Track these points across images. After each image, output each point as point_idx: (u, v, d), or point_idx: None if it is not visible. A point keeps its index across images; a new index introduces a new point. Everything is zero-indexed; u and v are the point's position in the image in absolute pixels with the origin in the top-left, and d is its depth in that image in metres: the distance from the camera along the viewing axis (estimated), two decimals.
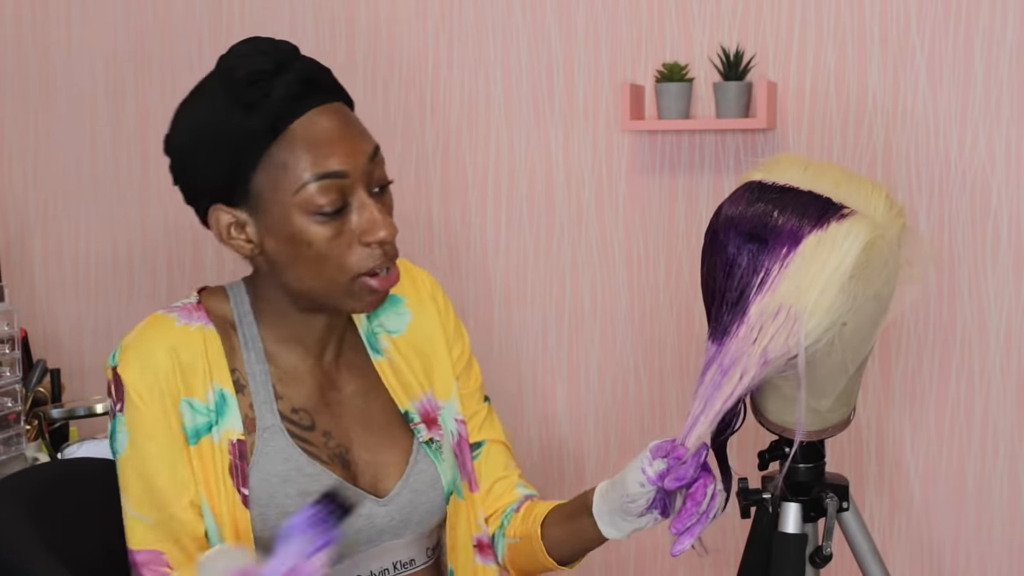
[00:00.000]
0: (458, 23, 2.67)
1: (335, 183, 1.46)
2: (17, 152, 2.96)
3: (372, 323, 1.66)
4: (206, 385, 1.52)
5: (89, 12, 2.88)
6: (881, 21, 2.45)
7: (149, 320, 1.55)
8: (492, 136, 2.68)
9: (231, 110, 1.46)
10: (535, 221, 2.67)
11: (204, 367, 1.53)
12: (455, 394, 1.69)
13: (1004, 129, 2.41)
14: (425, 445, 1.62)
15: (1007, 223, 2.43)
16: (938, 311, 2.48)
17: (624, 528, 1.57)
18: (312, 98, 1.48)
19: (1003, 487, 2.48)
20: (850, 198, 1.46)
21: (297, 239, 1.47)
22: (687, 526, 1.51)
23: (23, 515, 1.49)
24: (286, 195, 1.46)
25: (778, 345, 1.44)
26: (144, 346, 1.52)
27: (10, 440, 2.28)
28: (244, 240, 1.51)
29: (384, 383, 1.63)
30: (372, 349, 1.65)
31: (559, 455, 2.70)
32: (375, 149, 1.52)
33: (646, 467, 1.51)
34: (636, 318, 2.64)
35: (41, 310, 2.97)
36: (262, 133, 1.46)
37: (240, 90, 1.46)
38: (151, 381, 1.50)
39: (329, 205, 1.46)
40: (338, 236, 1.47)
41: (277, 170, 1.46)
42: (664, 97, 2.46)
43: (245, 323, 1.57)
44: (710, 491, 1.51)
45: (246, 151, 1.47)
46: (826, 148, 2.49)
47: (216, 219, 1.51)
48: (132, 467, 1.51)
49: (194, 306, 1.57)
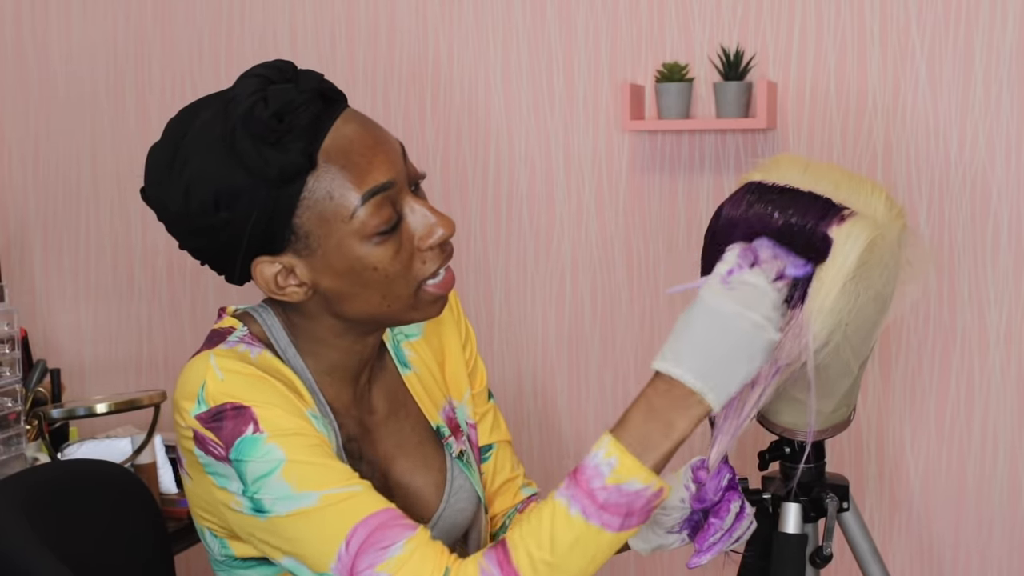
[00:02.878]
0: (458, 23, 2.67)
1: (385, 197, 1.35)
2: (17, 152, 2.96)
3: (394, 331, 1.59)
4: (301, 404, 1.39)
5: (89, 12, 2.88)
6: (881, 21, 2.45)
7: (217, 355, 1.37)
8: (492, 136, 2.68)
9: (259, 150, 1.31)
10: (535, 221, 2.68)
11: (298, 388, 1.41)
12: (468, 399, 1.64)
13: (1004, 129, 2.41)
14: (458, 459, 1.57)
15: (1007, 223, 2.43)
16: (938, 311, 2.48)
17: (651, 541, 1.53)
18: (330, 112, 1.36)
19: (1003, 487, 2.48)
20: (850, 199, 1.45)
21: (360, 267, 1.36)
22: (710, 543, 1.49)
23: (24, 515, 1.49)
24: (339, 225, 1.34)
25: (789, 353, 1.42)
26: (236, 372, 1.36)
27: (10, 440, 2.28)
28: (296, 285, 1.38)
29: (415, 398, 1.57)
30: (400, 363, 1.58)
31: (559, 455, 2.70)
32: (402, 145, 1.42)
33: (689, 483, 1.49)
34: (636, 318, 2.64)
35: (41, 310, 2.97)
36: (300, 166, 1.32)
37: (271, 126, 1.31)
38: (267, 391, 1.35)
39: (386, 223, 1.35)
40: (400, 250, 1.37)
41: (322, 202, 1.34)
42: (664, 97, 2.46)
43: (287, 352, 1.45)
44: (734, 509, 1.50)
45: (283, 191, 1.33)
46: (826, 148, 2.49)
47: (261, 273, 1.38)
48: (301, 465, 1.34)
49: (249, 337, 1.43)
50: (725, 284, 1.30)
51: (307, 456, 1.34)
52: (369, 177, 1.35)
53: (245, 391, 1.35)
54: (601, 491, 1.29)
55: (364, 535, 1.32)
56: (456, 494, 1.56)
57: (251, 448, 1.33)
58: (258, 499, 1.34)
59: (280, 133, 1.31)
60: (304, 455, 1.34)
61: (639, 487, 1.29)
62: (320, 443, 1.36)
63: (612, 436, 1.31)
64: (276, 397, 1.36)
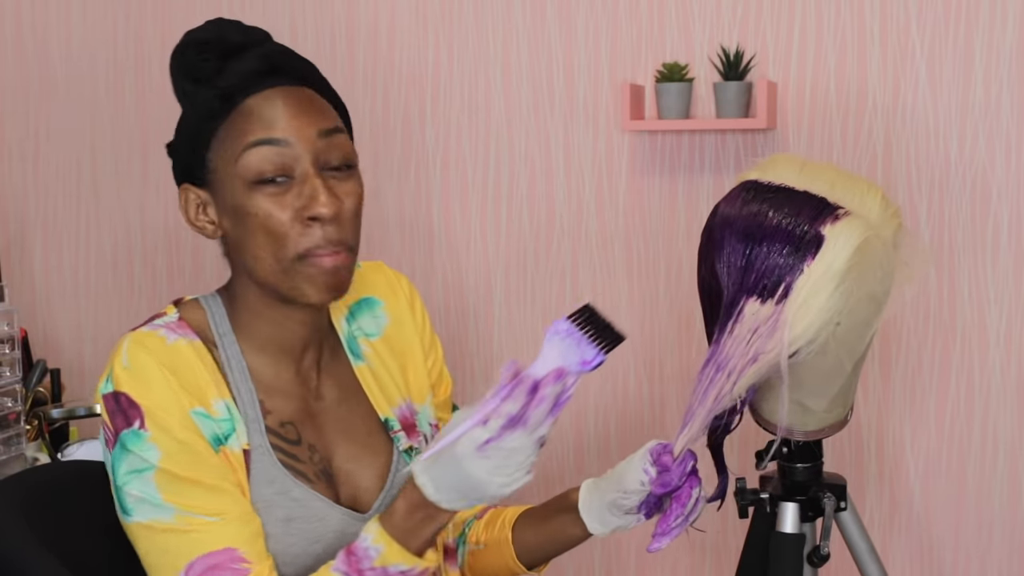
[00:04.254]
0: (458, 23, 2.67)
1: (274, 150, 1.43)
2: (17, 152, 2.96)
3: (351, 326, 1.62)
4: (210, 397, 1.46)
5: (89, 12, 2.88)
6: (881, 21, 2.44)
7: (135, 338, 1.46)
8: (492, 136, 2.68)
9: (194, 85, 1.47)
10: (535, 221, 2.67)
11: (204, 380, 1.46)
12: (429, 400, 1.67)
13: (1004, 129, 2.41)
14: (405, 454, 1.59)
15: (1007, 223, 2.43)
16: (938, 311, 2.48)
17: (610, 524, 1.57)
18: (274, 79, 1.47)
19: (1003, 487, 2.48)
20: (845, 198, 1.46)
21: (241, 211, 1.44)
22: (671, 527, 1.53)
23: (23, 516, 1.49)
24: (230, 165, 1.44)
25: (764, 344, 1.45)
26: (139, 365, 1.43)
27: (10, 440, 2.28)
28: (207, 221, 1.50)
29: (365, 390, 1.60)
30: (353, 355, 1.61)
31: (559, 453, 2.70)
32: (334, 129, 1.47)
33: (648, 467, 1.52)
34: (636, 318, 2.64)
35: (41, 310, 2.98)
36: (216, 107, 1.45)
37: (194, 65, 1.47)
38: (162, 392, 1.43)
39: (267, 172, 1.43)
40: (280, 209, 1.43)
41: (224, 143, 1.45)
42: (664, 97, 2.46)
43: (225, 339, 1.51)
44: (695, 495, 1.53)
45: (201, 125, 1.46)
46: (826, 148, 2.49)
47: (184, 199, 1.51)
48: (173, 477, 1.42)
49: (176, 323, 1.50)
50: (481, 452, 1.32)
51: (182, 470, 1.41)
52: (266, 130, 1.43)
53: (142, 388, 1.42)
54: (369, 571, 1.41)
55: (200, 571, 1.41)
56: (398, 485, 1.56)
57: (134, 441, 1.42)
58: (123, 495, 1.43)
59: (205, 71, 1.46)
60: (180, 468, 1.41)
61: (405, 568, 1.41)
62: (201, 460, 1.42)
63: (379, 525, 1.41)
64: (170, 401, 1.42)
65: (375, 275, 1.68)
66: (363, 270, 1.67)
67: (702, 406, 1.50)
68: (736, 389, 1.48)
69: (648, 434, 2.64)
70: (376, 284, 1.67)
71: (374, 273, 1.69)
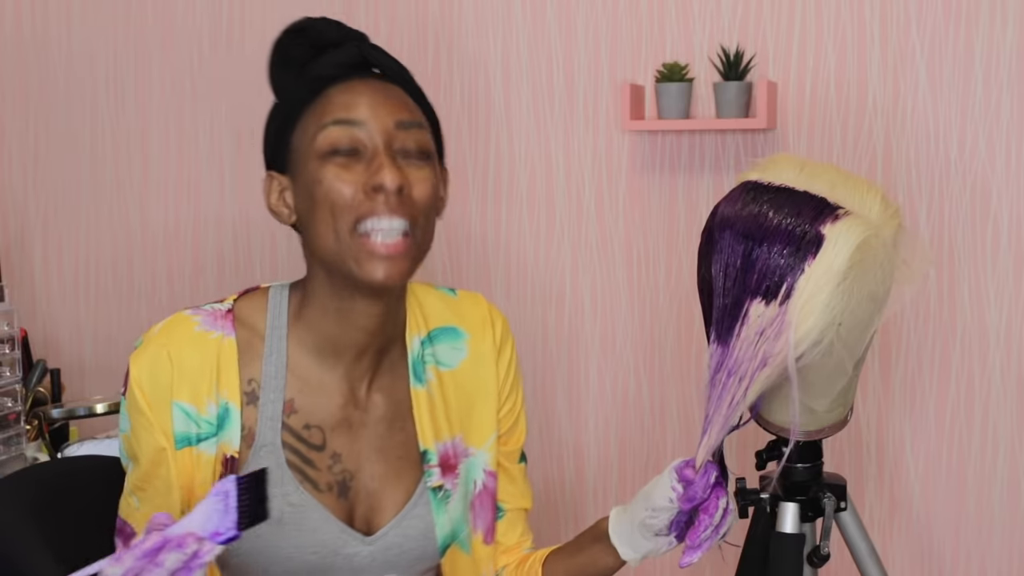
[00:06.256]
0: (458, 23, 2.67)
1: (349, 129, 1.46)
2: (17, 152, 2.96)
3: (425, 350, 1.59)
4: (209, 397, 1.47)
5: (89, 12, 2.88)
6: (881, 21, 2.44)
7: (173, 319, 1.53)
8: (492, 136, 2.68)
9: (286, 72, 1.52)
10: (535, 221, 2.68)
11: (211, 378, 1.47)
12: (491, 446, 1.62)
13: (1004, 129, 2.41)
14: (432, 491, 1.55)
15: (1007, 223, 2.43)
16: (938, 311, 2.48)
17: (641, 548, 1.54)
18: (363, 73, 1.51)
19: (1003, 487, 2.48)
20: (845, 198, 1.46)
21: (311, 181, 1.46)
22: (701, 540, 1.50)
23: (24, 515, 1.49)
24: (309, 145, 1.47)
25: (772, 347, 1.44)
26: (151, 342, 1.51)
27: (10, 440, 2.28)
28: (284, 205, 1.51)
29: (414, 415, 1.56)
30: (415, 376, 1.57)
31: (559, 455, 2.70)
32: (412, 122, 1.50)
33: (675, 484, 1.50)
34: (636, 318, 2.64)
35: (41, 310, 2.98)
36: (304, 93, 1.49)
37: (288, 52, 1.52)
38: (151, 383, 1.48)
39: (332, 146, 1.45)
40: (346, 180, 1.44)
41: (307, 125, 1.48)
42: (664, 97, 2.46)
43: (275, 332, 1.51)
44: (722, 504, 1.50)
45: (289, 111, 1.50)
46: (826, 148, 2.49)
47: (268, 185, 1.53)
48: (128, 447, 1.52)
49: (222, 313, 1.52)
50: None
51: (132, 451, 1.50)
52: (345, 112, 1.47)
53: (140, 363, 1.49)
54: None
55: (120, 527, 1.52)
56: (411, 522, 1.54)
57: (123, 401, 1.53)
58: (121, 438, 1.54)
59: (303, 62, 1.51)
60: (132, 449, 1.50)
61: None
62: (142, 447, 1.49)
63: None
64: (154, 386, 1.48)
65: (471, 307, 1.65)
66: (458, 298, 1.65)
67: (718, 413, 1.48)
68: (749, 394, 1.46)
69: (648, 434, 2.64)
70: (467, 316, 1.64)
71: (470, 304, 1.66)
